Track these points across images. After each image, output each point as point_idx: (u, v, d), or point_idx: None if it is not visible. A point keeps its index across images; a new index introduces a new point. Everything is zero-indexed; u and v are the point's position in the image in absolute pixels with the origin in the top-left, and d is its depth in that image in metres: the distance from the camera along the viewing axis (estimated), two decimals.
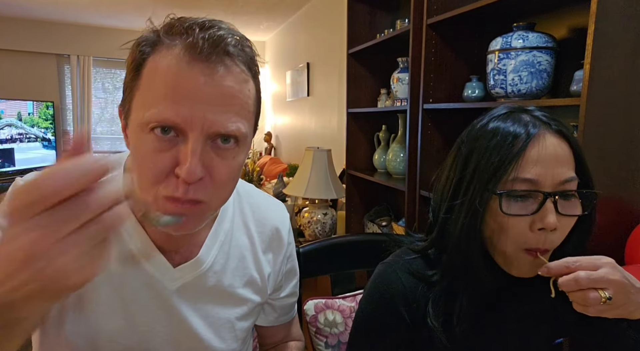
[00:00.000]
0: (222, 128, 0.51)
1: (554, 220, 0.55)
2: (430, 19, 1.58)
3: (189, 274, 0.64)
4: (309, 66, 4.11)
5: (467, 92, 1.54)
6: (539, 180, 0.56)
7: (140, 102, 0.52)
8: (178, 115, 0.49)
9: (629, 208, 1.09)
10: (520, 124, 0.59)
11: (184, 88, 0.49)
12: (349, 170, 2.40)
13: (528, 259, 0.58)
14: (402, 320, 0.65)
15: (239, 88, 0.52)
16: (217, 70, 0.50)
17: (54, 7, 4.42)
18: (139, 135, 0.51)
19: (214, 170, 0.52)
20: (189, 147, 0.49)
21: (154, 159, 0.50)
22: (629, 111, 1.05)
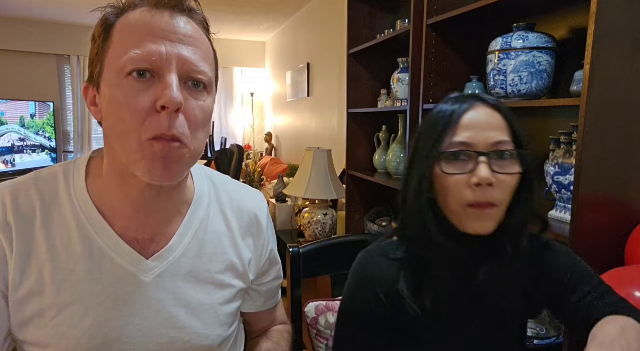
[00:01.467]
0: (193, 65, 0.56)
1: (485, 174, 0.61)
2: (430, 19, 1.58)
3: (162, 263, 0.64)
4: (309, 66, 4.11)
5: (467, 92, 1.54)
6: (472, 142, 0.64)
7: (113, 56, 0.56)
8: (154, 53, 0.54)
9: (629, 208, 1.09)
10: (459, 102, 0.68)
11: (155, 30, 0.55)
12: (349, 170, 2.40)
13: (475, 213, 0.64)
14: (380, 303, 0.69)
15: (201, 36, 0.60)
16: (182, 17, 0.58)
17: (54, 7, 4.42)
18: (116, 82, 0.55)
19: (189, 108, 0.57)
20: (167, 78, 0.54)
21: (135, 99, 0.54)
22: (629, 111, 1.05)
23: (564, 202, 1.23)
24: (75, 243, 0.61)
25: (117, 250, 0.62)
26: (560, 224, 1.20)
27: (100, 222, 0.62)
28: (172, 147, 0.55)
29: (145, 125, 0.54)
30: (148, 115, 0.54)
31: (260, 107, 6.38)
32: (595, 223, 1.06)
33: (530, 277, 0.72)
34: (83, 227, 0.61)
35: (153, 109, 0.54)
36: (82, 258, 0.61)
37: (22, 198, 0.61)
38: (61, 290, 0.60)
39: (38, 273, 0.59)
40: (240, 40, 6.18)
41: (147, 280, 0.63)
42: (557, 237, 1.11)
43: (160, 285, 0.64)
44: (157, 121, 0.54)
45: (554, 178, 1.22)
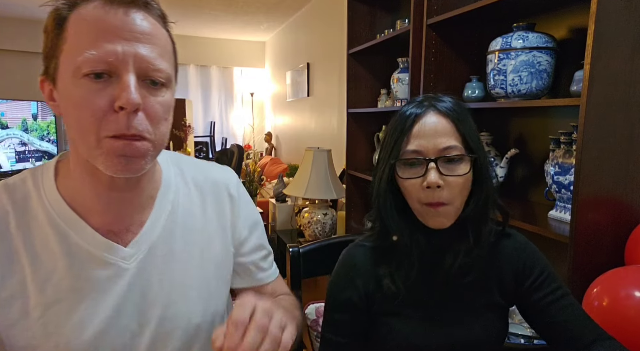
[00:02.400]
0: (151, 64, 0.55)
1: (434, 179, 0.69)
2: (430, 19, 1.59)
3: (141, 248, 0.65)
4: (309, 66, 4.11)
5: (467, 92, 1.54)
6: (422, 149, 0.72)
7: (69, 53, 0.54)
8: (109, 55, 0.53)
9: (629, 208, 1.09)
10: (416, 107, 0.75)
11: (110, 29, 0.54)
12: (349, 170, 2.40)
13: (430, 211, 0.72)
14: (359, 291, 0.77)
15: (158, 31, 0.58)
16: (138, 13, 0.56)
17: None
18: (72, 82, 0.54)
19: (148, 106, 0.56)
20: (125, 79, 0.53)
21: (92, 100, 0.53)
22: (629, 111, 1.05)
23: (564, 202, 1.23)
24: (52, 242, 0.61)
25: (94, 243, 0.62)
26: (560, 224, 1.20)
27: (74, 219, 0.62)
28: (133, 144, 0.55)
29: (103, 125, 0.54)
30: (105, 115, 0.54)
31: (261, 107, 6.38)
32: (595, 223, 1.06)
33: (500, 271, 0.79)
34: (57, 225, 0.62)
35: (111, 109, 0.54)
36: (60, 256, 0.61)
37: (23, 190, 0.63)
38: (44, 289, 0.60)
39: (19, 276, 0.60)
40: (240, 40, 6.18)
41: (129, 267, 0.64)
42: (557, 236, 1.11)
43: (143, 270, 0.65)
44: (116, 121, 0.54)
45: (554, 178, 1.22)
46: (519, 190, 1.56)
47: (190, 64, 6.11)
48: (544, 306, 0.74)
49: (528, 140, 1.52)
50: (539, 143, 1.47)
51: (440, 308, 0.77)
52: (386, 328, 0.77)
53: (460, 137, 0.72)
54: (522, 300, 0.79)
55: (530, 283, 0.77)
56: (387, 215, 0.77)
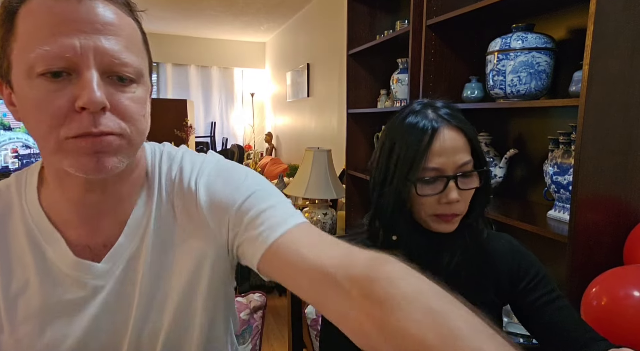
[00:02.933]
0: (115, 57, 0.48)
1: (455, 196, 0.73)
2: (429, 20, 1.59)
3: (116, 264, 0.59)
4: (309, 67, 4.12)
5: (467, 93, 1.55)
6: (442, 167, 0.73)
7: (20, 50, 0.48)
8: (66, 50, 0.46)
9: (628, 208, 1.09)
10: (427, 120, 0.75)
11: (66, 21, 0.46)
12: (349, 170, 2.40)
13: (440, 221, 0.76)
14: None
15: (123, 21, 0.51)
16: (96, 1, 0.48)
17: None
18: (27, 83, 0.47)
19: (117, 103, 0.49)
20: (85, 76, 0.47)
21: (48, 101, 0.47)
22: (628, 111, 1.05)
23: (562, 202, 1.23)
24: (27, 256, 0.57)
25: (67, 262, 0.57)
26: (559, 224, 1.20)
27: (50, 232, 0.57)
28: (104, 141, 0.48)
29: (64, 127, 0.47)
30: (66, 116, 0.47)
31: (261, 107, 6.39)
32: (594, 223, 1.07)
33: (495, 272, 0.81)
34: (34, 238, 0.57)
35: (72, 110, 0.47)
36: (34, 272, 0.57)
37: None
38: (14, 305, 0.57)
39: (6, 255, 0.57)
40: (241, 41, 6.19)
41: (104, 284, 0.58)
42: (555, 236, 1.12)
43: (120, 286, 0.59)
44: (79, 121, 0.47)
45: (552, 179, 1.22)
46: (518, 190, 1.56)
47: (191, 64, 6.12)
48: (538, 307, 0.76)
49: (527, 141, 1.52)
50: (538, 143, 1.47)
51: None
52: None
53: (471, 150, 0.76)
54: (516, 301, 0.81)
55: (525, 285, 0.79)
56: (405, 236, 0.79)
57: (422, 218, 0.77)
